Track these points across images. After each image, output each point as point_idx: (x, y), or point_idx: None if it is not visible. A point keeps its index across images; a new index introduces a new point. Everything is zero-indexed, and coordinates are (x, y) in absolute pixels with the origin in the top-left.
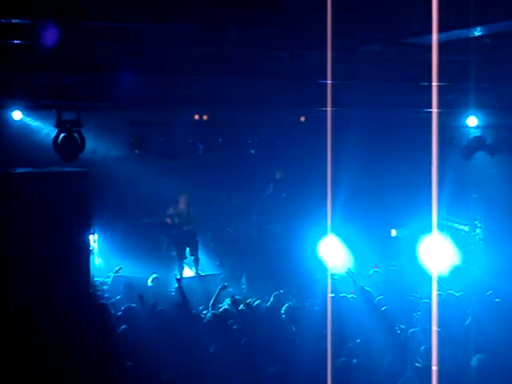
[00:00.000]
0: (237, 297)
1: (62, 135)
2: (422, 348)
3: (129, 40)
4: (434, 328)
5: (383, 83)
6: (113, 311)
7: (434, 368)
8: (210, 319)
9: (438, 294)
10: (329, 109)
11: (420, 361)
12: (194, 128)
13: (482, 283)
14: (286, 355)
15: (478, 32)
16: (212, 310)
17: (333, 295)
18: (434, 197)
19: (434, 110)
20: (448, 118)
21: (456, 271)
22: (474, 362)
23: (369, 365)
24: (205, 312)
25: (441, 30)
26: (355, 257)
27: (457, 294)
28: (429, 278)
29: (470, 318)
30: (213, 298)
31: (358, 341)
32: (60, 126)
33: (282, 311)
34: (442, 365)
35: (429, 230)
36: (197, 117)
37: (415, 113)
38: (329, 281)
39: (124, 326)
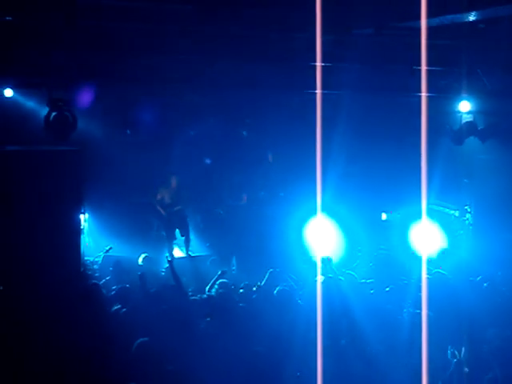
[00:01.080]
0: (224, 280)
1: (54, 114)
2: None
3: (120, 19)
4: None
5: (376, 66)
6: (104, 291)
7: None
8: (205, 301)
9: (427, 277)
10: (318, 91)
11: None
12: (185, 110)
13: (470, 267)
14: (276, 336)
15: (471, 17)
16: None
17: (322, 278)
18: (423, 181)
19: (424, 94)
20: (440, 102)
21: (444, 255)
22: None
23: (358, 346)
24: (195, 295)
25: (434, 14)
26: (345, 239)
27: (445, 273)
28: (418, 261)
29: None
30: (210, 284)
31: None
32: (51, 104)
33: (275, 293)
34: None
35: (419, 214)
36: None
37: (407, 97)
38: (318, 263)
39: (118, 306)
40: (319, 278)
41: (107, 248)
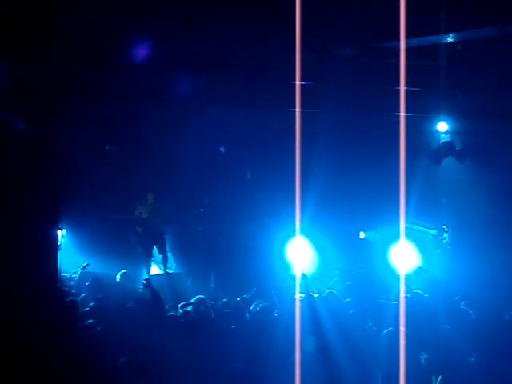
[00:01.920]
0: (202, 296)
1: (31, 129)
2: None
3: (96, 35)
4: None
5: (355, 86)
6: (80, 308)
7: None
8: (183, 319)
9: (405, 296)
10: (297, 110)
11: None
12: (162, 126)
13: (447, 287)
14: (253, 353)
15: (449, 39)
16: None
17: (302, 296)
18: (401, 201)
19: (402, 113)
20: (419, 122)
21: (420, 274)
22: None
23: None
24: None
25: (413, 35)
26: (322, 258)
27: (425, 295)
28: (395, 280)
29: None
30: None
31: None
32: (28, 119)
33: (258, 308)
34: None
35: (396, 233)
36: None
37: (386, 116)
38: (297, 281)
39: (92, 321)
40: (298, 296)
41: (84, 264)
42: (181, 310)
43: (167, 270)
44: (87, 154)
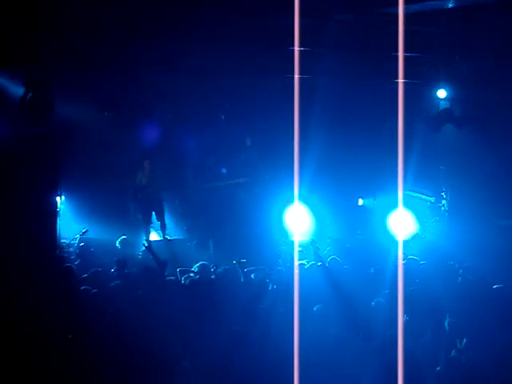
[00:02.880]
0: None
1: (30, 95)
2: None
3: (98, 6)
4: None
5: (355, 52)
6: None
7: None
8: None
9: (403, 262)
10: (296, 76)
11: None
12: (163, 93)
13: (444, 254)
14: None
15: (450, 4)
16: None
17: (302, 262)
18: (400, 168)
19: (401, 80)
20: (418, 89)
21: (418, 241)
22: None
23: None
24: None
25: (413, 1)
26: (320, 225)
27: (421, 262)
28: (393, 246)
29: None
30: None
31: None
32: (28, 85)
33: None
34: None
35: (395, 200)
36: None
37: (385, 83)
38: (295, 248)
39: (90, 288)
40: (297, 263)
41: (83, 230)
42: (180, 276)
43: (166, 237)
44: (86, 120)
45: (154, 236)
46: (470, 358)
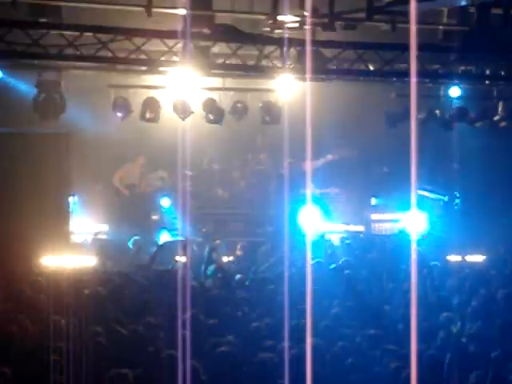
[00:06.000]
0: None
1: (43, 95)
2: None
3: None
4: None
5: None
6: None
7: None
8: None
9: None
10: (308, 76)
11: None
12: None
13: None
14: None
15: (463, 2)
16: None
17: (318, 260)
18: (413, 167)
19: (413, 79)
20: (431, 87)
21: (431, 240)
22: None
23: None
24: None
25: None
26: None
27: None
28: (405, 245)
29: None
30: (204, 263)
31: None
32: (40, 85)
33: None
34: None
35: (408, 199)
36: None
37: (398, 82)
38: (308, 245)
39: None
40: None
41: (96, 231)
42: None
43: (178, 237)
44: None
45: (167, 236)
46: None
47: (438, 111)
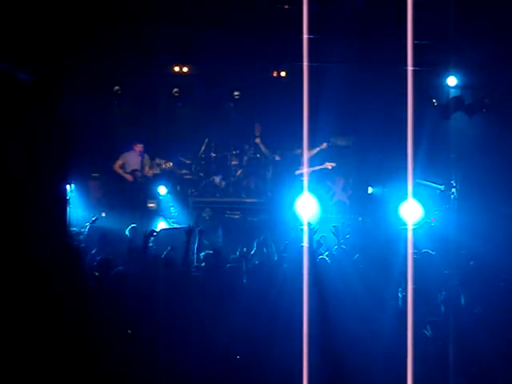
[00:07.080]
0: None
1: (39, 82)
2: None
3: None
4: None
5: (363, 39)
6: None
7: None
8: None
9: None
10: (305, 64)
11: None
12: (174, 80)
13: (454, 242)
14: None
15: None
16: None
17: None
18: (409, 156)
19: (410, 67)
20: (428, 76)
21: (427, 229)
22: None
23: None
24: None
25: None
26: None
27: (432, 253)
28: (401, 236)
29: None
30: (195, 249)
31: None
32: (37, 73)
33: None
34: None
35: (404, 188)
36: (177, 69)
37: (395, 71)
38: (305, 234)
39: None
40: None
41: (93, 218)
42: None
43: (175, 225)
44: (95, 107)
45: (163, 224)
46: None
47: (435, 100)
